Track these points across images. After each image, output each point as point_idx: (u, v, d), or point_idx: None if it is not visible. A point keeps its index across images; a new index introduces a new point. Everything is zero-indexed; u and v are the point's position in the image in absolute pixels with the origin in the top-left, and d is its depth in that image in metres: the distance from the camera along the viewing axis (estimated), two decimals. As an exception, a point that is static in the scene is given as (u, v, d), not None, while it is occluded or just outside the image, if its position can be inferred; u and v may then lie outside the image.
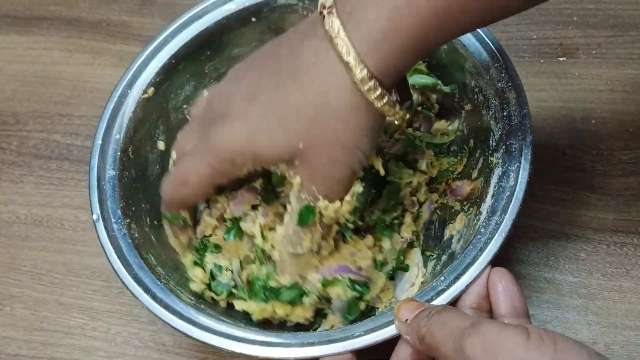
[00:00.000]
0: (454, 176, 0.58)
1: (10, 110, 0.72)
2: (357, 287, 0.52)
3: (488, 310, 0.46)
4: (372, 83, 0.41)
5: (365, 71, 0.41)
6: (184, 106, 0.62)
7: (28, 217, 0.66)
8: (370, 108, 0.43)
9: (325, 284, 0.51)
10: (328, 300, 0.53)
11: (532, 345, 0.36)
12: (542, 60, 0.68)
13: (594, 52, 0.68)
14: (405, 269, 0.56)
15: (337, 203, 0.46)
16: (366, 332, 0.46)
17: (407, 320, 0.44)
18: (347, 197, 0.46)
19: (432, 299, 0.47)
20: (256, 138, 0.45)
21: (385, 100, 0.42)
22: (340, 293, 0.51)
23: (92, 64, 0.73)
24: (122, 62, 0.73)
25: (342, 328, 0.48)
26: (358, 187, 0.46)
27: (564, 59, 0.68)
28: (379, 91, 0.42)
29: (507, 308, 0.44)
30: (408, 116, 0.45)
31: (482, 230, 0.49)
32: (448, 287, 0.47)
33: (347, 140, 0.43)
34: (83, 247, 0.64)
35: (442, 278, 0.48)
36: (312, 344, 0.47)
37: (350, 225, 0.49)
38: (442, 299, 0.47)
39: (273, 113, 0.44)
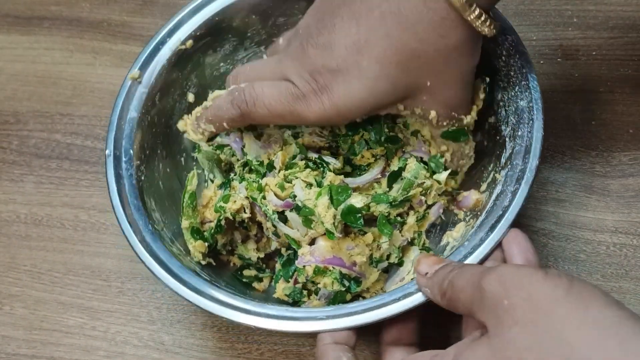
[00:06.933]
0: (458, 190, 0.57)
1: (10, 109, 0.72)
2: (346, 281, 0.52)
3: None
4: (477, 11, 0.46)
5: (477, 11, 0.45)
6: (221, 64, 0.62)
7: (28, 217, 0.66)
8: (479, 37, 0.48)
9: (317, 272, 0.51)
10: (315, 284, 0.53)
11: (549, 279, 0.36)
12: (542, 62, 0.68)
13: (594, 53, 0.68)
14: (400, 264, 0.56)
15: (474, 107, 0.53)
16: (364, 311, 0.46)
17: (426, 273, 0.45)
18: (476, 100, 0.54)
19: (399, 300, 0.46)
20: (377, 87, 0.48)
21: (483, 19, 0.47)
22: (327, 284, 0.52)
23: (92, 64, 0.74)
24: (123, 62, 0.73)
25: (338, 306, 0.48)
26: (481, 92, 0.54)
27: (564, 60, 0.68)
28: (482, 16, 0.46)
29: (521, 261, 0.45)
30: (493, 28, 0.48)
31: (466, 243, 0.48)
32: (417, 291, 0.47)
33: (469, 66, 0.50)
34: (83, 246, 0.64)
35: (414, 281, 0.47)
36: (295, 318, 0.47)
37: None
38: (410, 301, 0.46)
39: (390, 61, 0.47)
